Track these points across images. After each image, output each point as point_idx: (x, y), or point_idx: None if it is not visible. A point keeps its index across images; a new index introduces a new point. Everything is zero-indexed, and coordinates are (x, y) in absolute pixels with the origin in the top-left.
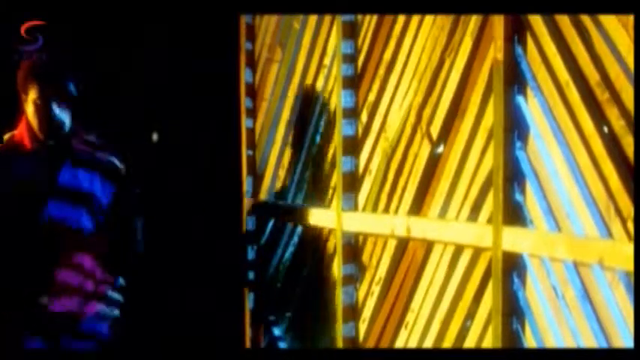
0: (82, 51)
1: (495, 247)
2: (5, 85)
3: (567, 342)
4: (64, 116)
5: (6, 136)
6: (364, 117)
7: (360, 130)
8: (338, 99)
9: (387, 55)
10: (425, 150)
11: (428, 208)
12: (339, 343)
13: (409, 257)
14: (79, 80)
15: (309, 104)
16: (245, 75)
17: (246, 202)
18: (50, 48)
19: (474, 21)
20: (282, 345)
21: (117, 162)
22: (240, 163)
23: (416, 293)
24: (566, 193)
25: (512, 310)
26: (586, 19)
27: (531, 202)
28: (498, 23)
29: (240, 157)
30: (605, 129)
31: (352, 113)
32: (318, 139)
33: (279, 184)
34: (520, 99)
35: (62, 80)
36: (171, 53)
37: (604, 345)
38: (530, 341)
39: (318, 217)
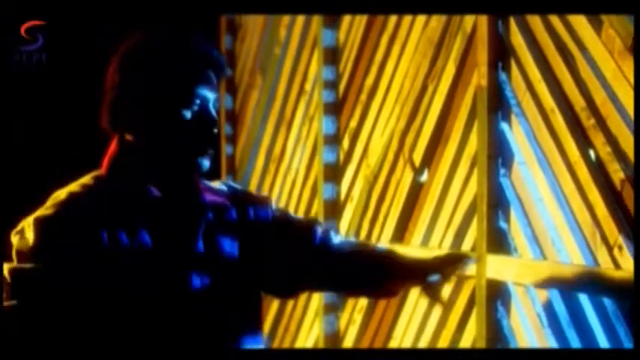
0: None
1: (479, 275)
2: None
3: None
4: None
5: (85, 179)
6: (346, 143)
7: (342, 157)
8: (319, 125)
9: (369, 80)
10: (407, 177)
11: (411, 235)
12: None
13: None
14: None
15: (289, 130)
16: (225, 101)
17: None
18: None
19: (457, 47)
20: None
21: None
22: None
23: (398, 321)
24: (551, 221)
25: (497, 339)
26: (571, 45)
27: (516, 230)
28: (482, 49)
29: None
30: (592, 155)
31: (334, 140)
32: (299, 165)
33: None
34: (504, 125)
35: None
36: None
37: None
38: None
39: None
